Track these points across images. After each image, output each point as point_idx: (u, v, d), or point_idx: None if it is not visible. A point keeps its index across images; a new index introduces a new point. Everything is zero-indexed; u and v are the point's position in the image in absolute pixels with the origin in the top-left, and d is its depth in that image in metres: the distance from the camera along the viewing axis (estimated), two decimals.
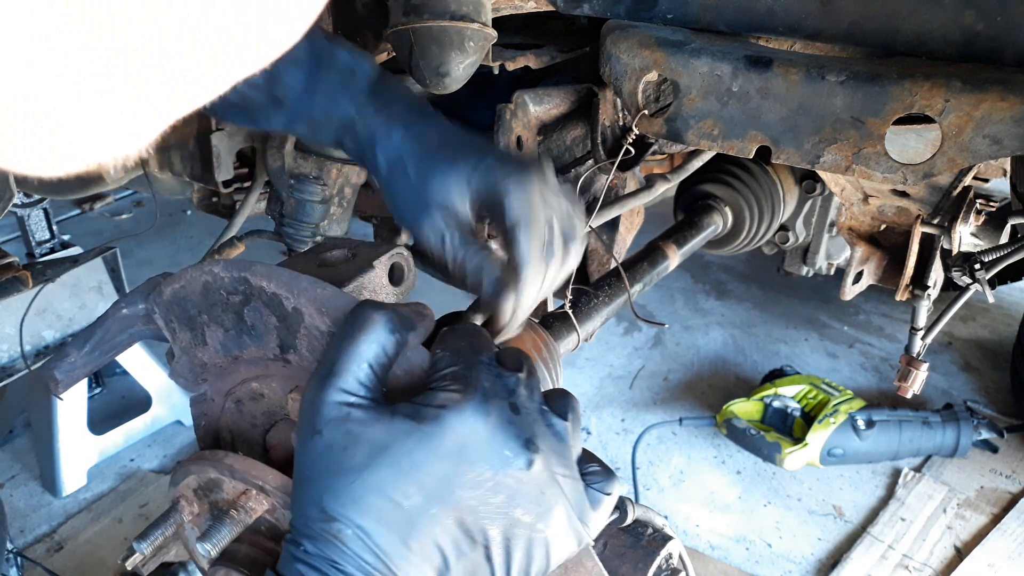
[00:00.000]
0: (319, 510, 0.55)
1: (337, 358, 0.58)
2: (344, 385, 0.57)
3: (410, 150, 0.81)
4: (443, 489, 0.55)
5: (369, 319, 0.59)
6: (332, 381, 0.57)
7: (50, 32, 0.25)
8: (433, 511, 0.55)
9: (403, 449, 0.55)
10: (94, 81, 0.28)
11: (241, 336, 0.71)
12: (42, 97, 0.27)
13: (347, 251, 0.81)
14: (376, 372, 0.59)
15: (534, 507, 0.57)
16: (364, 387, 0.58)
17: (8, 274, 2.14)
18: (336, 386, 0.57)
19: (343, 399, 0.57)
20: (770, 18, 0.99)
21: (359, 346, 0.58)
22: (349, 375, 0.57)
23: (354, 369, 0.58)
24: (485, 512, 0.56)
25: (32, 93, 0.27)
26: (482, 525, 0.56)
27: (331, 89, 0.82)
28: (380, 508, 0.55)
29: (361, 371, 0.58)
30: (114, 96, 0.29)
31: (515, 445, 0.57)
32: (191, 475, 0.73)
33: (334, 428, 0.56)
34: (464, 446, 0.56)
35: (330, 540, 0.55)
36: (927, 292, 1.45)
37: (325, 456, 0.56)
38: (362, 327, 0.59)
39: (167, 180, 1.64)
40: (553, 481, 0.58)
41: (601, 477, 0.61)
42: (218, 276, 0.69)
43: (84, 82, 0.27)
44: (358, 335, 0.59)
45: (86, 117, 0.29)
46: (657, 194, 1.39)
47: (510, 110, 1.13)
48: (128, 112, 0.30)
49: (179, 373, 0.79)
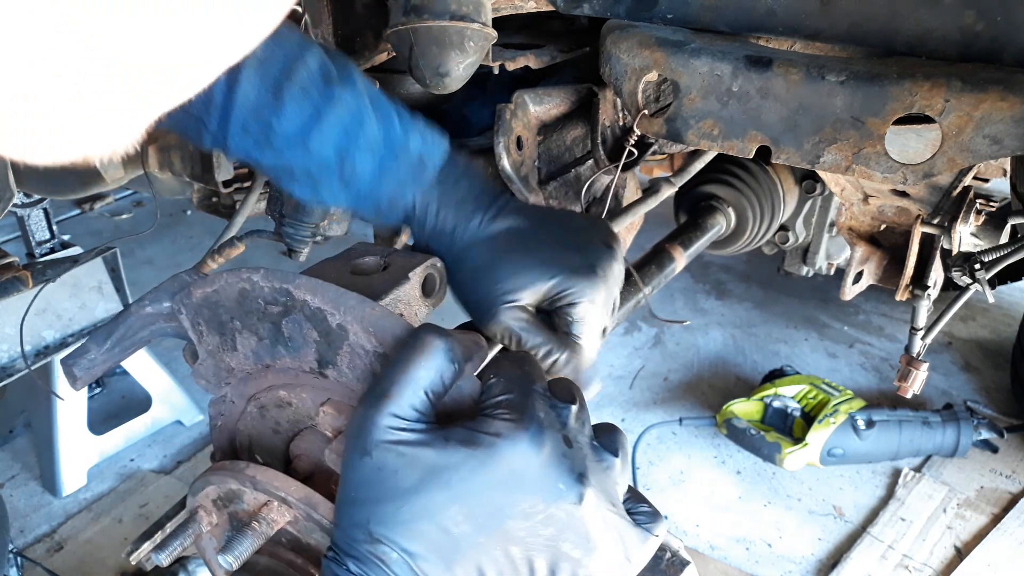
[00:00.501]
0: (365, 532, 0.55)
1: (393, 381, 0.57)
2: (397, 410, 0.56)
3: (472, 248, 0.80)
4: (493, 518, 0.55)
5: (430, 345, 0.59)
6: (386, 404, 0.56)
7: (51, 32, 0.25)
8: (481, 540, 0.55)
9: (456, 475, 0.55)
10: (94, 80, 0.28)
11: (276, 346, 0.70)
12: (42, 96, 0.27)
13: (379, 258, 0.79)
14: (431, 399, 0.58)
15: (582, 542, 0.57)
16: (418, 413, 0.57)
17: (8, 274, 2.14)
18: (389, 410, 0.56)
19: (396, 424, 0.56)
20: (770, 18, 0.99)
21: (417, 371, 0.58)
22: (404, 400, 0.57)
23: (409, 394, 0.57)
24: (533, 544, 0.56)
25: (32, 93, 0.27)
26: (529, 556, 0.56)
27: (398, 180, 0.80)
28: (428, 533, 0.55)
29: (416, 397, 0.57)
30: (113, 94, 0.29)
31: (568, 479, 0.56)
32: (211, 485, 0.72)
33: (385, 450, 0.55)
34: (517, 476, 0.55)
35: (375, 562, 0.54)
36: (927, 292, 1.45)
37: (374, 478, 0.55)
38: (422, 352, 0.58)
39: (167, 180, 1.64)
40: (602, 517, 0.58)
41: (649, 517, 0.61)
42: (257, 285, 0.68)
43: (84, 82, 0.27)
44: (417, 360, 0.58)
45: (86, 116, 0.29)
46: (662, 198, 1.39)
47: (510, 110, 1.13)
48: (125, 109, 0.30)
49: (202, 375, 0.78)
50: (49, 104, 0.28)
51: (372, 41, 1.23)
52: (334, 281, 0.67)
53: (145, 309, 0.79)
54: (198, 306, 0.73)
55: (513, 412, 0.57)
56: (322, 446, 0.74)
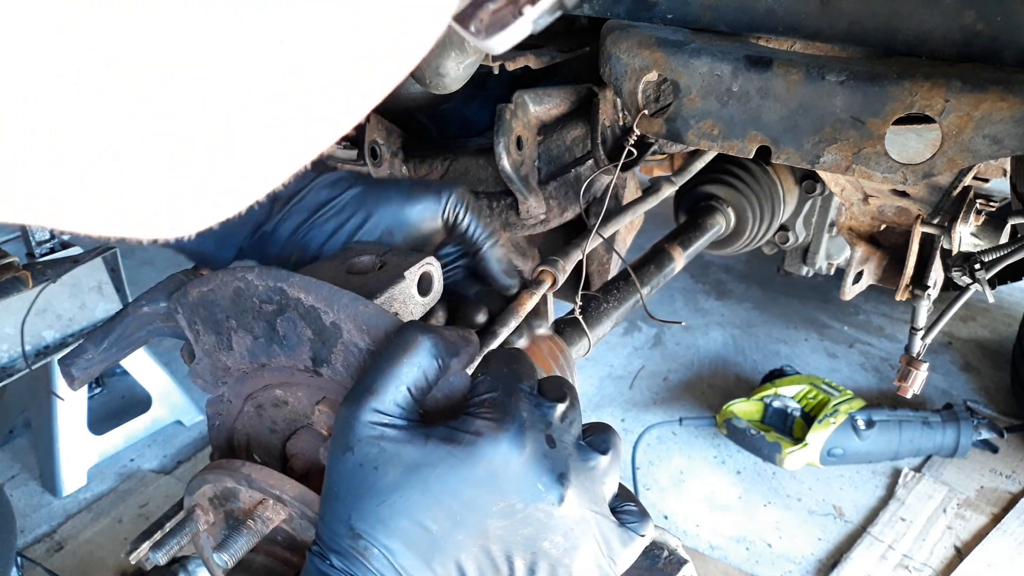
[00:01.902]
0: (346, 527, 0.56)
1: (376, 378, 0.58)
2: (380, 406, 0.57)
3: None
4: (472, 516, 0.55)
5: (413, 342, 0.59)
6: (369, 400, 0.57)
7: (51, 30, 0.25)
8: (460, 537, 0.55)
9: (434, 473, 0.55)
10: (95, 81, 0.27)
11: (271, 345, 0.70)
12: (42, 96, 0.27)
13: (375, 257, 0.79)
14: (414, 395, 0.58)
15: (562, 541, 0.57)
16: (401, 409, 0.57)
17: (8, 274, 2.14)
18: (372, 406, 0.57)
19: (378, 419, 0.56)
20: (770, 18, 0.99)
21: (400, 368, 0.58)
22: (387, 396, 0.57)
23: (392, 391, 0.57)
24: (513, 542, 0.56)
25: (32, 93, 0.27)
26: (508, 554, 0.56)
27: None
28: (407, 530, 0.55)
29: (399, 393, 0.58)
30: (113, 95, 0.28)
31: (548, 479, 0.56)
32: (207, 484, 0.72)
33: (366, 446, 0.56)
34: (496, 475, 0.56)
35: (356, 557, 0.55)
36: (927, 292, 1.45)
37: (355, 474, 0.56)
38: (405, 349, 0.59)
39: None
40: (584, 517, 0.58)
41: (635, 517, 0.61)
42: (251, 283, 0.68)
43: (84, 82, 0.27)
44: (400, 357, 0.58)
45: (86, 116, 0.29)
46: (662, 197, 1.39)
47: (510, 110, 1.13)
48: (126, 110, 0.30)
49: (199, 375, 0.78)
50: (48, 104, 0.28)
51: None
52: (329, 280, 0.67)
53: (142, 309, 0.79)
54: (194, 305, 0.73)
55: (496, 411, 0.57)
56: (318, 444, 0.74)
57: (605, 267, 1.54)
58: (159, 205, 0.31)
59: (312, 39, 0.28)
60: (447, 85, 1.04)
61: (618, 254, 1.42)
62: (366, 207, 0.83)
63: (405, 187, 0.85)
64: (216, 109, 0.28)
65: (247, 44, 0.28)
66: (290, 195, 0.84)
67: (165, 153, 0.29)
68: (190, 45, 0.27)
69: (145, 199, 0.30)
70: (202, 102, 0.28)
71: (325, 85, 0.30)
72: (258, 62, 0.28)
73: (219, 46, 0.29)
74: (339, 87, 0.31)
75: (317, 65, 0.29)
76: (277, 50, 0.28)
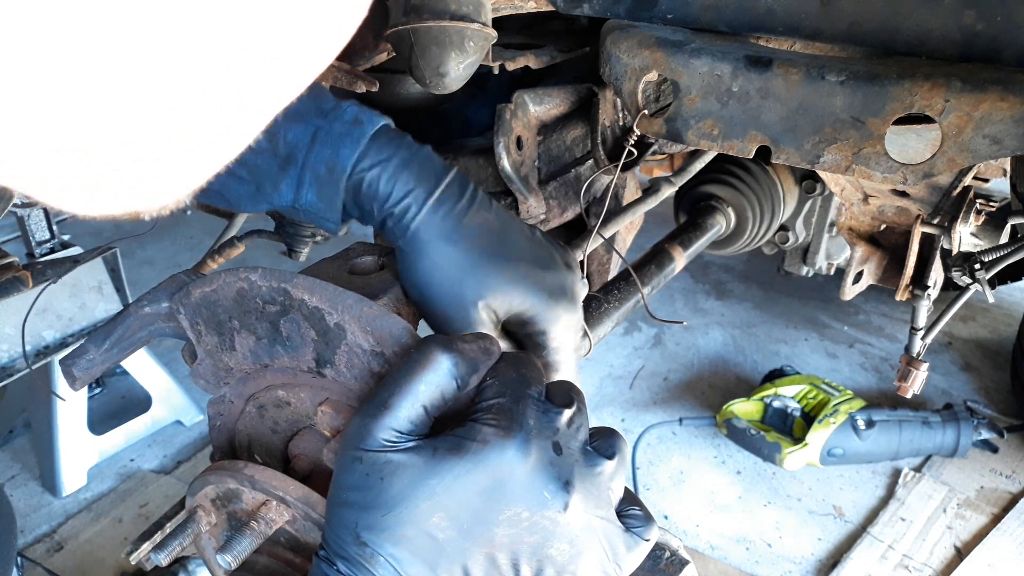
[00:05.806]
0: (353, 535, 0.56)
1: (393, 393, 0.58)
2: (394, 423, 0.57)
3: (438, 240, 0.74)
4: (478, 525, 0.56)
5: (434, 360, 0.59)
6: (383, 416, 0.57)
7: (106, 81, 0.26)
8: (466, 545, 0.56)
9: (441, 484, 0.55)
10: (143, 129, 0.28)
11: (274, 346, 0.70)
12: (93, 147, 0.28)
13: (377, 258, 0.79)
14: (429, 414, 0.59)
15: (568, 548, 0.57)
16: (414, 425, 0.58)
17: (8, 274, 2.13)
18: (386, 422, 0.57)
19: (390, 436, 0.57)
20: (770, 18, 0.99)
21: (418, 386, 0.58)
22: (402, 413, 0.57)
23: (407, 408, 0.57)
24: (519, 550, 0.57)
25: (83, 144, 0.27)
26: (515, 561, 0.57)
27: (334, 139, 0.76)
28: (413, 539, 0.55)
29: (414, 411, 0.58)
30: (161, 145, 0.29)
31: (554, 487, 0.57)
32: (210, 485, 0.72)
33: (376, 458, 0.56)
34: (503, 484, 0.56)
35: (362, 564, 0.56)
36: (927, 292, 1.45)
37: (363, 483, 0.56)
38: (425, 367, 0.58)
39: None
40: (589, 523, 0.58)
41: (641, 522, 0.62)
42: (255, 284, 0.68)
43: (133, 132, 0.28)
44: (419, 374, 0.58)
45: (133, 161, 0.29)
46: (662, 198, 1.39)
47: (510, 110, 1.13)
48: (172, 163, 0.30)
49: (200, 375, 0.78)
50: (98, 152, 0.28)
51: (372, 41, 1.23)
52: (332, 281, 0.67)
53: (143, 309, 0.79)
54: (196, 306, 0.73)
55: (503, 418, 0.58)
56: (320, 445, 0.74)
57: (605, 267, 1.54)
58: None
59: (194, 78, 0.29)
60: (447, 85, 1.04)
61: (618, 254, 1.42)
62: None
63: None
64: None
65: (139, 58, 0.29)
66: None
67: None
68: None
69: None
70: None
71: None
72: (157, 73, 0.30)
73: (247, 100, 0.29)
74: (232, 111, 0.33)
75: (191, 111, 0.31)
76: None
